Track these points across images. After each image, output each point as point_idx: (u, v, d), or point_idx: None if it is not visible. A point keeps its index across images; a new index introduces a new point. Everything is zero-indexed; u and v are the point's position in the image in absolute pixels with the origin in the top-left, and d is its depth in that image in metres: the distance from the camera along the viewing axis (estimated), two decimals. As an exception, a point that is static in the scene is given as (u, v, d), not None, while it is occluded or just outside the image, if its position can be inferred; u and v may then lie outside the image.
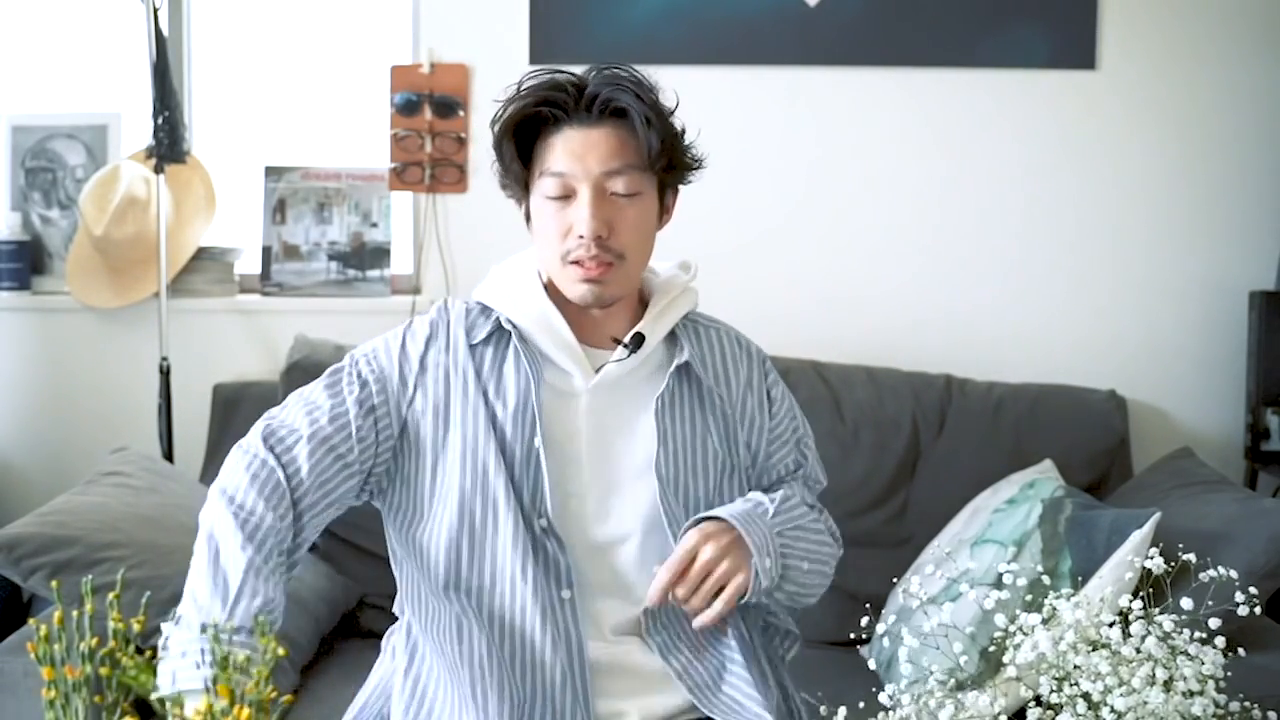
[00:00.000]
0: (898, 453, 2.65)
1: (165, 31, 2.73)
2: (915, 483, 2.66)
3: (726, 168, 2.93)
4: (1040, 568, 2.02)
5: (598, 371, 1.55)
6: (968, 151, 2.92)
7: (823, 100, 2.92)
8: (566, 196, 1.50)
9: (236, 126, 3.09)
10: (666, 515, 1.53)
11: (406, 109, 2.92)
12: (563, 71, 1.53)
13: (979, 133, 2.92)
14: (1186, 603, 1.27)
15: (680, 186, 1.60)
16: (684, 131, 1.57)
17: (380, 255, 2.99)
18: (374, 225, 2.99)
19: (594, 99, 1.49)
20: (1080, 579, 2.02)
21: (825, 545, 1.62)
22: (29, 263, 2.98)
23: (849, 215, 2.94)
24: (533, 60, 2.88)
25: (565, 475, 1.53)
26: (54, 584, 1.31)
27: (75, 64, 3.06)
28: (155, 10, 2.67)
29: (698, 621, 1.47)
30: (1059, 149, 2.91)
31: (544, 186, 1.51)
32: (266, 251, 2.99)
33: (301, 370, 2.62)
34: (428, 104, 2.92)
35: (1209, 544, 2.05)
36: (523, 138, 1.52)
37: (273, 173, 3.00)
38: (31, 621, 1.42)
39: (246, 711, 1.08)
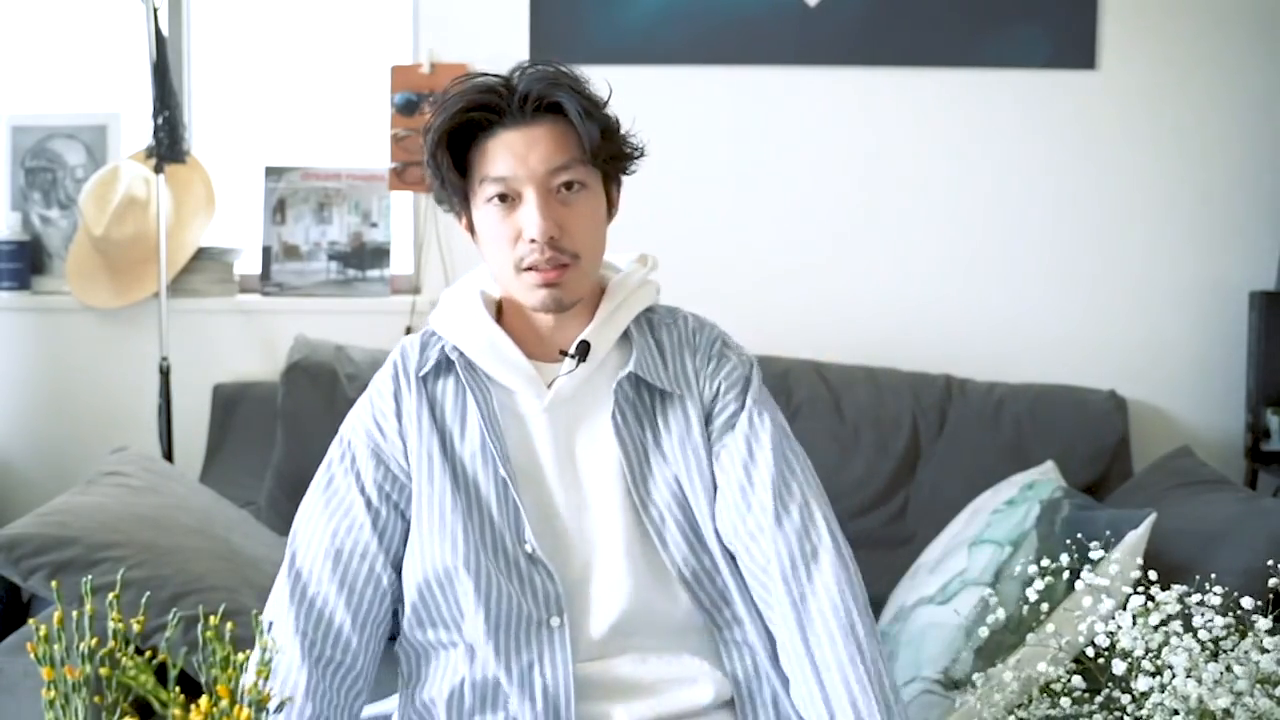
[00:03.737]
0: (898, 453, 2.65)
1: (165, 31, 2.73)
2: (915, 483, 2.66)
3: (726, 168, 2.93)
4: (1036, 568, 2.02)
5: (551, 387, 1.50)
6: (967, 151, 2.92)
7: (823, 100, 2.92)
8: (511, 201, 1.45)
9: (236, 126, 3.09)
10: (653, 529, 1.48)
11: (406, 109, 2.92)
12: (487, 74, 1.48)
13: (979, 133, 2.91)
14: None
15: (624, 177, 1.55)
16: (619, 123, 1.50)
17: (380, 255, 2.99)
18: (374, 225, 2.99)
19: (527, 97, 1.44)
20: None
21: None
22: (29, 263, 2.99)
23: (848, 215, 2.94)
24: (533, 60, 2.88)
25: (540, 499, 1.48)
26: (54, 584, 1.30)
27: (75, 64, 3.07)
28: (155, 10, 2.67)
29: None
30: (1059, 149, 2.91)
31: (485, 193, 1.46)
32: (266, 251, 2.99)
33: (302, 370, 2.63)
34: (428, 104, 2.91)
35: (1209, 544, 2.05)
36: (456, 147, 1.47)
37: (273, 173, 3.00)
38: (31, 621, 1.42)
39: (246, 712, 1.08)
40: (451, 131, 1.45)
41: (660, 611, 1.48)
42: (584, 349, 1.49)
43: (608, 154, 1.48)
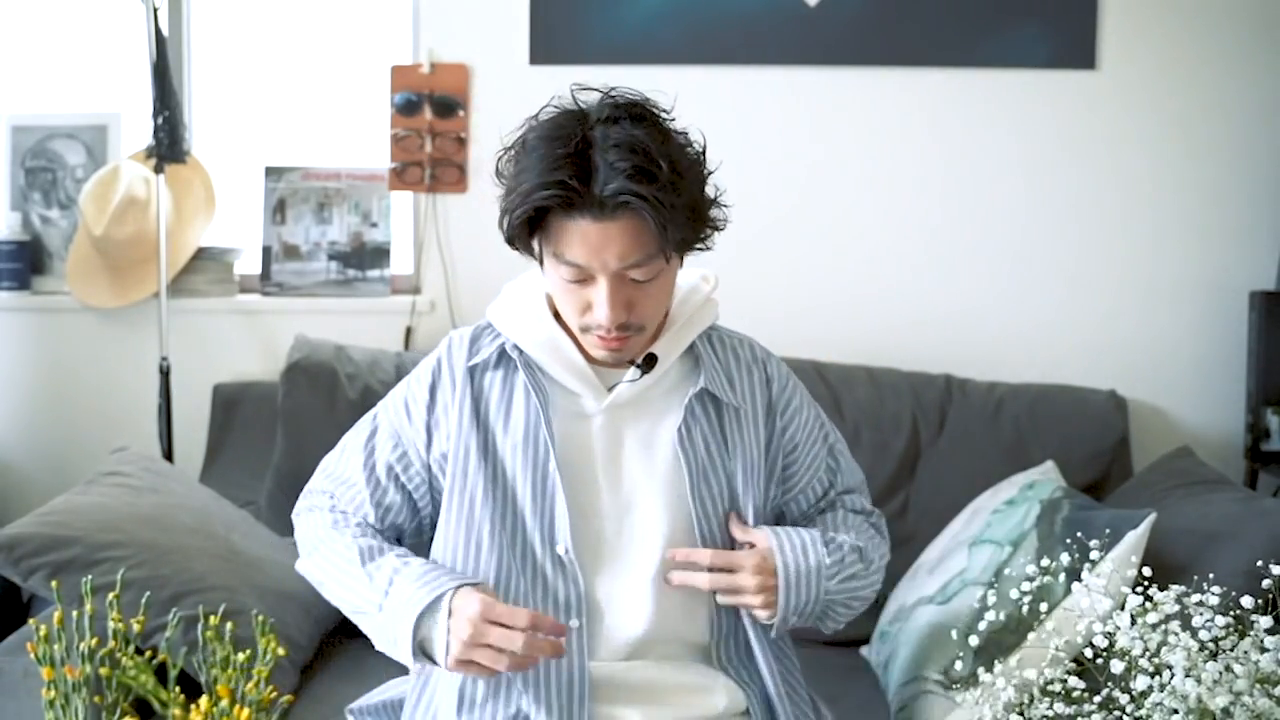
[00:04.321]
0: (898, 453, 2.65)
1: (165, 31, 2.73)
2: (915, 483, 2.66)
3: (726, 168, 2.92)
4: (1034, 568, 2.02)
5: (610, 390, 1.53)
6: (968, 151, 2.92)
7: (823, 100, 2.92)
8: (583, 281, 1.44)
9: (236, 126, 3.09)
10: (704, 543, 1.52)
11: (406, 109, 2.92)
12: (567, 114, 1.42)
13: (979, 133, 2.91)
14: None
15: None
16: (706, 195, 1.48)
17: (380, 255, 2.99)
18: (374, 225, 2.99)
19: (607, 193, 1.37)
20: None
21: (869, 586, 1.61)
22: (29, 263, 2.99)
23: (849, 215, 2.94)
24: (533, 60, 2.88)
25: (581, 499, 1.50)
26: (54, 584, 1.31)
27: (75, 64, 3.06)
28: (155, 10, 2.67)
29: (677, 577, 1.49)
30: (1059, 149, 2.91)
31: (559, 269, 1.44)
32: (266, 251, 2.99)
33: (302, 370, 2.63)
34: (428, 104, 2.92)
35: (1209, 544, 2.05)
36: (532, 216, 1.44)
37: (273, 173, 3.00)
38: (31, 621, 1.42)
39: (246, 712, 1.08)
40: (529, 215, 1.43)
41: (683, 622, 1.51)
42: (652, 361, 1.52)
43: (689, 243, 1.48)
